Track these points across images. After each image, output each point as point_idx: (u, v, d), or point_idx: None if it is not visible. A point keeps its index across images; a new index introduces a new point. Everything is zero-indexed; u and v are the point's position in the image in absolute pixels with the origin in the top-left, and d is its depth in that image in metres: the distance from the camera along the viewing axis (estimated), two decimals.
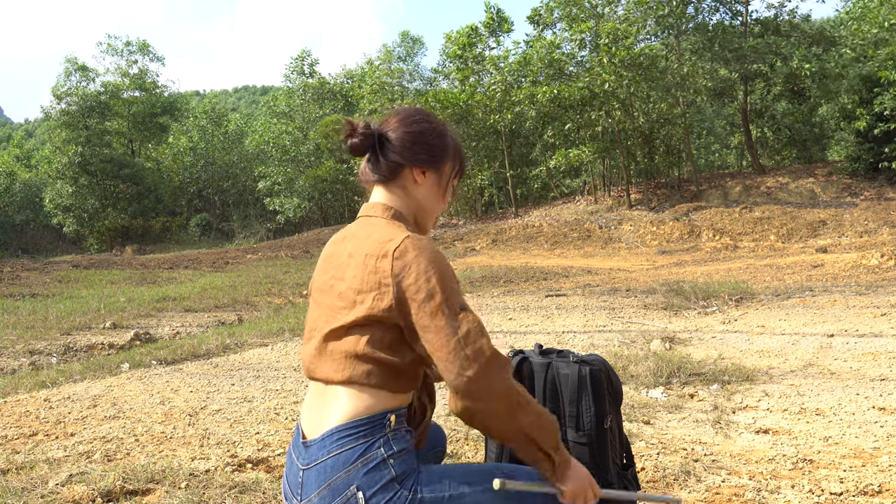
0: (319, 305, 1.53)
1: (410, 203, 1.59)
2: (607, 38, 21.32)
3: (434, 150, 1.59)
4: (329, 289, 1.51)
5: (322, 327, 1.49)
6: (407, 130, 1.57)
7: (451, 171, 1.64)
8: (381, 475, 1.36)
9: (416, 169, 1.57)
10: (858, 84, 21.00)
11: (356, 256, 1.46)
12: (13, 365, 5.85)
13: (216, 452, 3.17)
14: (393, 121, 1.59)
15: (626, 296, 8.70)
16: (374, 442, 1.38)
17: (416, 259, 1.38)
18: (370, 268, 1.41)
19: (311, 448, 1.42)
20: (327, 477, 1.38)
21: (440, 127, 1.62)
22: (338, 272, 1.50)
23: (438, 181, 1.61)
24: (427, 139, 1.58)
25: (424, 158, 1.58)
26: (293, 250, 22.04)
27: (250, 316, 8.89)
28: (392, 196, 1.58)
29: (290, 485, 1.47)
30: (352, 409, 1.40)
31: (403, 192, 1.58)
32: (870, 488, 2.55)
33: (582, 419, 1.81)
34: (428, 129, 1.59)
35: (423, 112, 1.63)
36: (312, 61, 39.39)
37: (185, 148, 43.14)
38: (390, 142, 1.57)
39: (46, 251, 35.58)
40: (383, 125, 1.60)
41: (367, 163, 1.61)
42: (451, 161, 1.63)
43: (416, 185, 1.59)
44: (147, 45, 40.71)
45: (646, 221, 20.43)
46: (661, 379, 4.26)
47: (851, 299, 7.23)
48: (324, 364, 1.46)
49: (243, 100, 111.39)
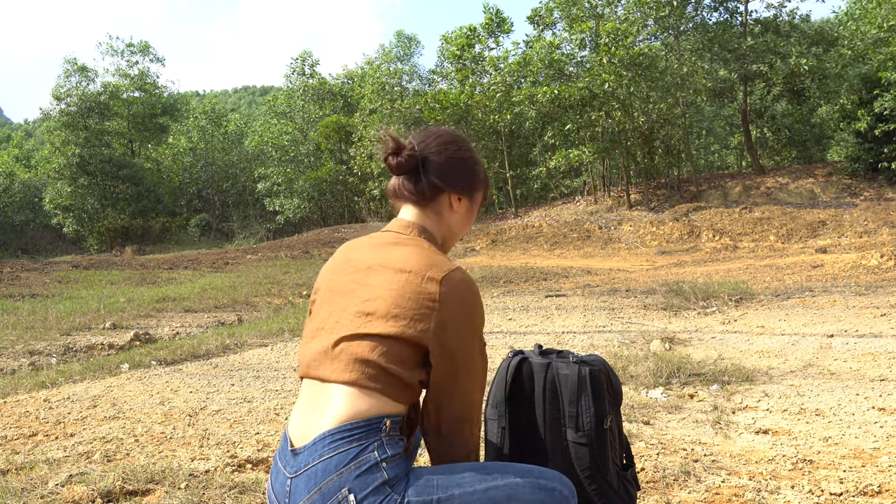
0: (332, 305, 1.52)
1: (443, 227, 1.63)
2: (607, 39, 21.33)
3: (472, 179, 1.65)
4: (350, 292, 1.51)
5: (335, 328, 1.48)
6: (451, 157, 1.61)
7: (481, 198, 1.71)
8: (373, 478, 1.35)
9: (454, 195, 1.62)
10: (858, 84, 21.01)
11: (391, 270, 1.48)
12: (13, 365, 5.85)
13: (216, 453, 3.17)
14: (433, 143, 1.62)
15: (625, 296, 8.70)
16: (369, 445, 1.37)
17: (463, 293, 1.46)
18: (414, 286, 1.43)
19: (301, 455, 1.40)
20: (318, 481, 1.36)
21: (476, 155, 1.68)
22: (363, 278, 1.51)
23: (471, 208, 1.68)
24: (469, 167, 1.64)
25: (464, 186, 1.63)
26: (293, 251, 22.04)
27: (250, 316, 8.88)
28: (425, 217, 1.61)
29: (275, 494, 1.45)
30: (349, 410, 1.39)
31: (437, 215, 1.62)
32: (869, 489, 2.55)
33: (582, 420, 1.81)
34: (469, 158, 1.65)
35: (461, 137, 1.67)
36: (313, 62, 39.42)
37: (184, 148, 43.16)
38: (433, 165, 1.59)
39: (46, 251, 35.57)
40: (424, 145, 1.62)
41: (406, 181, 1.62)
42: (482, 189, 1.70)
43: (452, 210, 1.63)
44: (148, 46, 40.74)
45: (645, 222, 20.44)
46: (660, 379, 4.26)
47: (851, 300, 7.23)
48: (329, 363, 1.44)
49: (243, 100, 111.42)
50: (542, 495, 1.43)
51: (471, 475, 1.41)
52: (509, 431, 1.86)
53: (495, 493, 1.39)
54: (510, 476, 1.43)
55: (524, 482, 1.43)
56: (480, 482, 1.40)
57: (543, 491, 1.45)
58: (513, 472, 1.45)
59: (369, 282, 1.48)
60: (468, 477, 1.41)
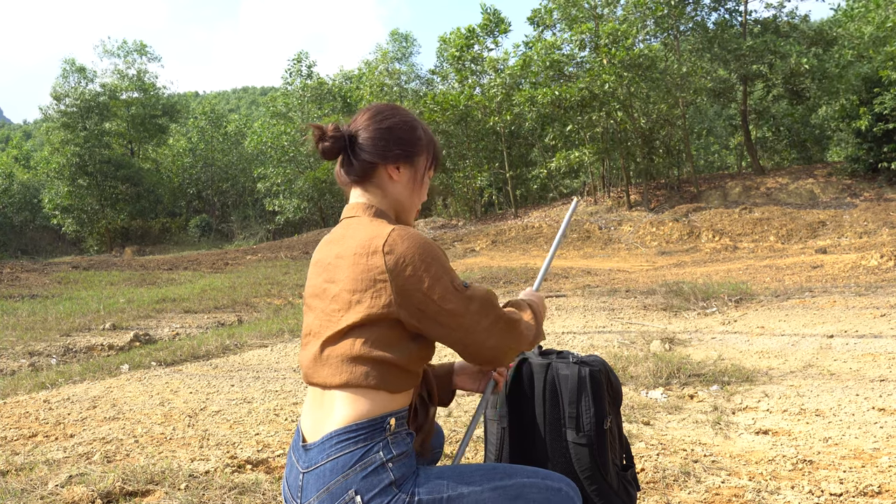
0: (314, 310, 1.52)
1: (389, 200, 1.58)
2: (607, 39, 21.33)
3: (406, 145, 1.57)
4: (322, 293, 1.50)
5: (319, 332, 1.48)
6: (377, 128, 1.55)
7: (425, 163, 1.62)
8: (379, 479, 1.36)
9: (391, 166, 1.55)
10: (859, 84, 21.02)
11: (345, 257, 1.45)
12: (13, 366, 5.85)
13: (216, 453, 3.17)
14: (361, 119, 1.58)
15: (625, 297, 8.70)
16: (374, 446, 1.38)
17: (408, 250, 1.39)
18: (361, 266, 1.40)
19: (312, 451, 1.42)
20: (326, 481, 1.37)
21: (410, 120, 1.60)
22: (329, 275, 1.49)
23: (414, 175, 1.59)
24: (398, 134, 1.56)
25: (398, 153, 1.56)
26: (293, 251, 22.03)
27: (250, 317, 8.88)
28: (370, 195, 1.57)
29: (290, 487, 1.46)
30: (351, 412, 1.40)
31: (380, 190, 1.57)
32: (869, 489, 2.55)
33: (582, 420, 1.81)
34: (397, 124, 1.57)
35: (392, 107, 1.61)
36: (310, 63, 39.41)
37: (184, 149, 43.15)
38: (361, 141, 1.55)
39: (46, 252, 35.57)
40: (352, 125, 1.59)
41: (341, 165, 1.59)
42: (424, 153, 1.61)
43: (392, 181, 1.57)
44: (145, 46, 40.74)
45: (645, 222, 20.44)
46: (660, 380, 4.26)
47: (851, 300, 7.23)
48: (321, 369, 1.45)
49: (243, 100, 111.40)
50: (548, 495, 1.45)
51: (480, 475, 1.43)
52: (509, 432, 1.86)
53: (503, 493, 1.41)
54: (518, 477, 1.45)
55: (531, 482, 1.45)
56: (489, 481, 1.42)
57: (549, 491, 1.47)
58: (520, 473, 1.46)
59: (334, 277, 1.47)
60: (477, 476, 1.43)
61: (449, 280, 1.40)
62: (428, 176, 1.64)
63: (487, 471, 1.44)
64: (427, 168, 1.63)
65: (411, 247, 1.39)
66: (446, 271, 1.41)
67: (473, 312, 1.41)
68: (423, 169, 1.62)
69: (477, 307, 1.42)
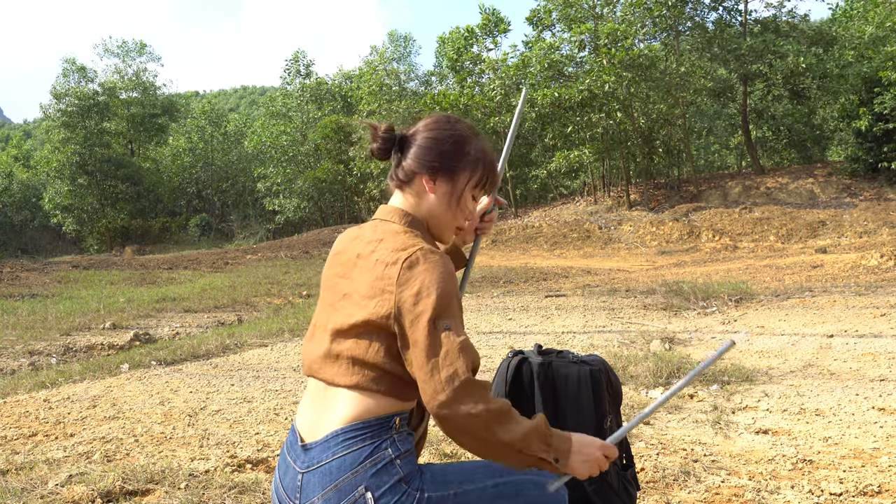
0: (323, 301, 1.53)
1: (423, 211, 1.55)
2: (606, 40, 21.33)
3: (447, 158, 1.52)
4: (333, 286, 1.51)
5: (325, 324, 1.49)
6: (425, 136, 1.53)
7: (467, 181, 1.54)
8: (389, 476, 1.36)
9: (426, 176, 1.52)
10: (859, 84, 21.02)
11: (366, 259, 1.44)
12: (13, 365, 5.85)
13: (216, 453, 3.17)
14: (421, 124, 1.56)
15: (625, 296, 8.70)
16: (381, 443, 1.38)
17: (422, 272, 1.35)
18: (378, 273, 1.39)
19: (313, 450, 1.41)
20: (333, 478, 1.37)
21: (461, 134, 1.54)
22: (343, 270, 1.49)
23: (451, 190, 1.53)
24: (440, 146, 1.52)
25: (435, 165, 1.51)
26: (293, 251, 22.03)
27: (250, 316, 8.88)
28: (408, 202, 1.55)
29: (285, 489, 1.44)
30: (358, 411, 1.40)
31: (417, 199, 1.54)
32: (869, 489, 2.55)
33: (581, 420, 1.81)
34: (444, 136, 1.53)
35: (450, 119, 1.57)
36: (308, 62, 39.39)
37: (184, 148, 43.16)
38: (412, 147, 1.54)
39: (46, 251, 35.57)
40: (411, 128, 1.57)
41: (393, 166, 1.58)
42: (468, 171, 1.54)
43: (427, 192, 1.53)
44: (145, 46, 40.74)
45: (645, 222, 20.44)
46: (660, 379, 4.27)
47: (851, 300, 7.23)
48: (329, 366, 1.44)
49: (243, 100, 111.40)
50: (544, 491, 1.47)
51: (482, 471, 1.45)
52: None
53: (504, 489, 1.43)
54: (516, 474, 1.46)
55: (528, 479, 1.47)
56: (490, 478, 1.44)
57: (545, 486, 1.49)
58: (518, 470, 1.47)
59: (351, 275, 1.46)
60: (480, 473, 1.45)
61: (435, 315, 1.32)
62: (473, 195, 1.56)
63: (488, 468, 1.45)
64: (471, 186, 1.55)
65: (428, 271, 1.35)
66: (442, 306, 1.33)
67: (438, 358, 1.30)
68: (464, 186, 1.54)
69: (443, 353, 1.30)
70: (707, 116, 30.23)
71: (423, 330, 1.32)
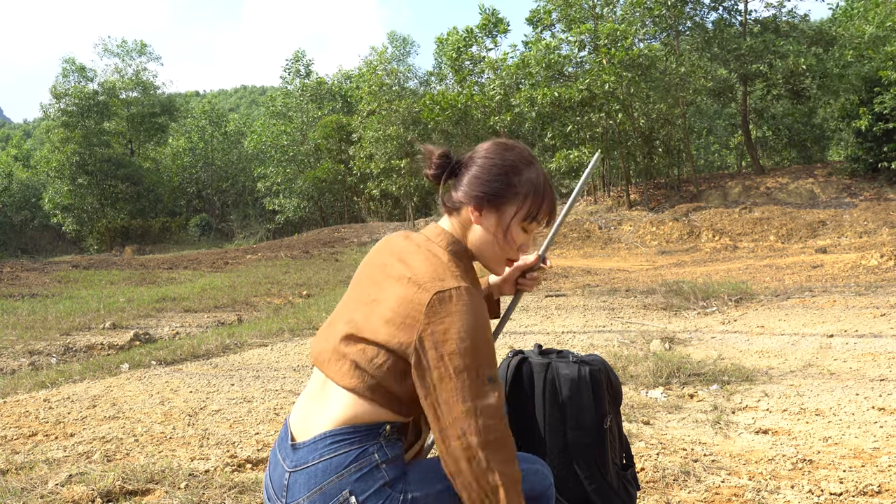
0: (349, 296, 1.54)
1: (470, 241, 1.51)
2: (606, 40, 21.32)
3: (492, 189, 1.46)
4: (363, 288, 1.50)
5: (342, 320, 1.48)
6: (476, 165, 1.49)
7: (515, 213, 1.48)
8: (374, 480, 1.36)
9: (472, 207, 1.47)
10: (859, 84, 21.02)
11: (400, 273, 1.42)
12: (13, 365, 5.85)
13: (216, 453, 3.17)
14: (478, 150, 1.52)
15: (625, 296, 8.70)
16: (368, 447, 1.37)
17: (459, 312, 1.32)
18: (408, 295, 1.36)
19: (301, 450, 1.40)
20: (318, 481, 1.36)
21: (511, 164, 1.48)
22: (379, 277, 1.47)
23: (498, 222, 1.47)
24: (488, 176, 1.47)
25: (480, 196, 1.47)
26: (293, 250, 22.02)
27: (250, 316, 8.88)
28: (455, 228, 1.52)
29: (273, 486, 1.44)
30: (350, 414, 1.39)
31: (464, 228, 1.51)
32: (869, 488, 2.55)
33: (581, 419, 1.81)
34: (493, 166, 1.47)
35: (504, 146, 1.52)
36: (308, 62, 39.39)
37: (184, 148, 43.16)
38: (464, 174, 1.50)
39: (46, 251, 35.56)
40: (469, 154, 1.53)
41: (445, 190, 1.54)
42: (516, 203, 1.47)
43: (473, 223, 1.49)
44: (145, 46, 40.73)
45: (645, 222, 20.44)
46: (660, 379, 4.26)
47: (851, 300, 7.23)
48: (334, 363, 1.44)
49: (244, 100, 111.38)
50: (526, 475, 1.47)
51: None
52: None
53: None
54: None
55: None
56: None
57: (528, 472, 1.50)
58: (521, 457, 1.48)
59: (383, 283, 1.45)
60: None
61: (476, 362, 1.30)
62: (522, 228, 1.50)
63: None
64: (519, 219, 1.48)
65: (464, 312, 1.32)
66: (481, 353, 1.32)
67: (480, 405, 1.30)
68: (511, 219, 1.48)
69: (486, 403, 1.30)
70: (707, 116, 30.24)
71: (463, 374, 1.30)
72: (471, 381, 1.30)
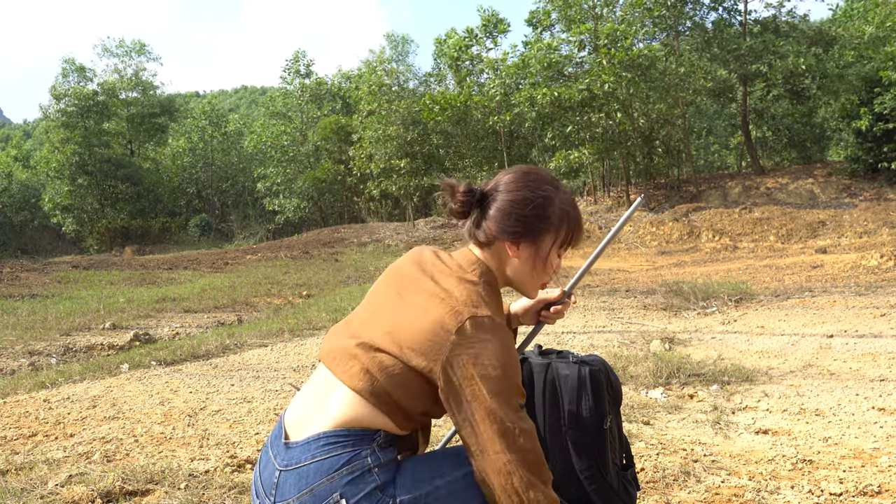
0: (371, 301, 1.53)
1: (504, 272, 1.52)
2: (606, 40, 21.32)
3: (528, 223, 1.47)
4: (389, 298, 1.50)
5: (362, 329, 1.47)
6: (505, 199, 1.48)
7: (551, 242, 1.50)
8: (365, 484, 1.35)
9: (508, 242, 1.48)
10: (859, 84, 21.03)
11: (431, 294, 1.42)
12: (13, 365, 5.85)
13: (215, 453, 3.17)
14: (502, 182, 1.51)
15: (625, 296, 8.70)
16: (362, 451, 1.37)
17: (491, 340, 1.34)
18: (438, 318, 1.36)
19: (294, 450, 1.40)
20: (309, 482, 1.36)
21: (543, 195, 1.48)
22: (407, 290, 1.47)
23: (535, 253, 1.50)
24: (522, 210, 1.47)
25: (518, 231, 1.47)
26: (293, 251, 22.02)
27: (250, 316, 8.88)
28: (488, 258, 1.52)
29: (262, 484, 1.43)
30: (348, 416, 1.39)
31: (498, 260, 1.51)
32: (869, 489, 2.55)
33: (581, 420, 1.81)
34: (526, 199, 1.47)
35: (530, 175, 1.51)
36: (308, 62, 39.38)
37: (183, 148, 43.17)
38: (493, 208, 1.49)
39: (46, 252, 35.56)
40: (492, 185, 1.52)
41: (470, 223, 1.52)
42: (552, 233, 1.49)
43: (510, 257, 1.50)
44: (144, 46, 40.73)
45: (645, 222, 20.44)
46: (660, 379, 4.26)
47: (851, 300, 7.23)
48: (344, 362, 1.44)
49: (243, 100, 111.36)
50: None
51: (448, 462, 1.43)
52: None
53: (473, 478, 1.40)
54: None
55: None
56: (458, 468, 1.41)
57: None
58: None
59: (410, 297, 1.44)
60: (446, 465, 1.42)
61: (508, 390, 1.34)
62: (557, 254, 1.53)
63: (455, 457, 1.43)
64: (555, 247, 1.52)
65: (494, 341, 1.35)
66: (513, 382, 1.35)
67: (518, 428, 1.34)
68: (549, 248, 1.51)
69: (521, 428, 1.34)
70: (707, 116, 30.24)
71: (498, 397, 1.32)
72: (506, 404, 1.33)
